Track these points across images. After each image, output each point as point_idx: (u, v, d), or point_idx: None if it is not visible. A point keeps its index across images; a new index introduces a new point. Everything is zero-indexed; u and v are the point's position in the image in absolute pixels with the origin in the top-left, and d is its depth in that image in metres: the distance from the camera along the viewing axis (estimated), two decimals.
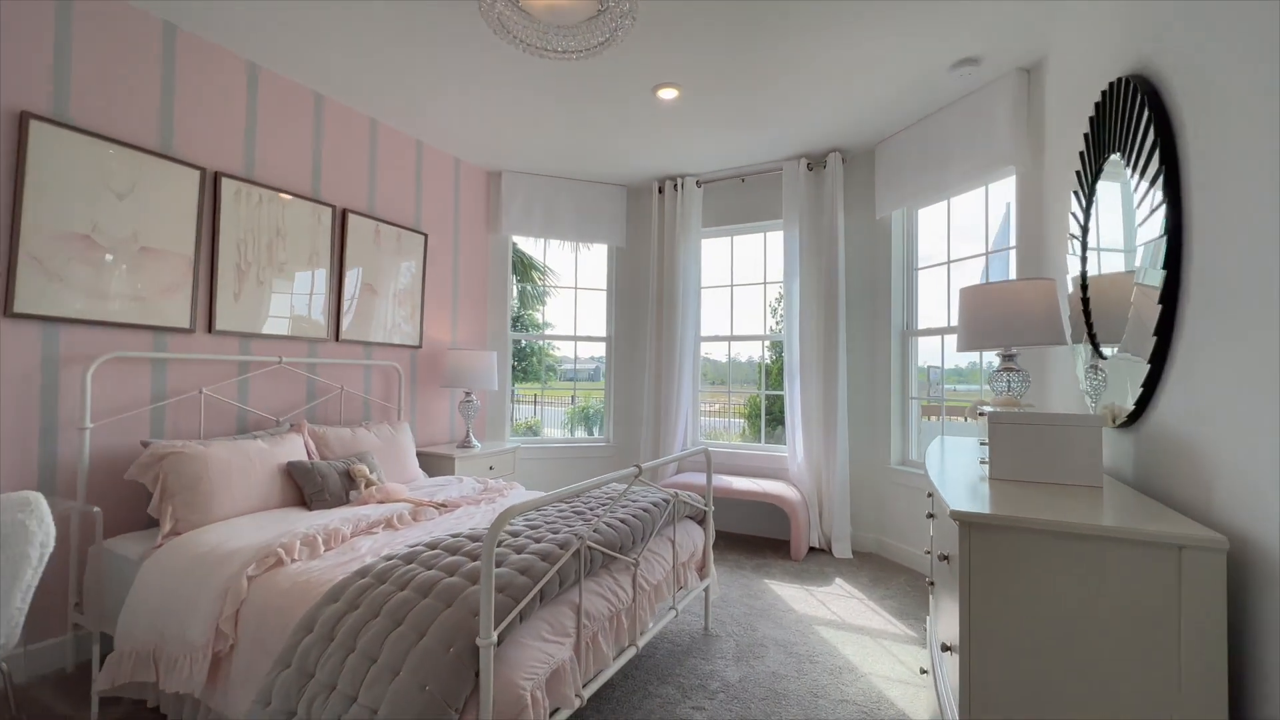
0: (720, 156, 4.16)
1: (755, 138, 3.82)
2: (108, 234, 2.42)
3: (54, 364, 2.28)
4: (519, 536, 1.88)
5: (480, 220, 4.45)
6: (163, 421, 2.60)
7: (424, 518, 2.42)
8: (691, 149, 4.03)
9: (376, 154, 3.61)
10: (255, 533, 2.08)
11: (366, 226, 3.52)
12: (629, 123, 3.61)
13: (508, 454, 4.04)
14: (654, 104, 3.36)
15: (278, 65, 3.00)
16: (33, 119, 2.21)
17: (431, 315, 4.02)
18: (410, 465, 3.19)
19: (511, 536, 1.88)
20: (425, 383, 3.97)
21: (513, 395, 4.86)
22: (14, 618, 1.59)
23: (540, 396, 11.25)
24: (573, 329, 5.06)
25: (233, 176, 2.84)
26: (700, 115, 3.50)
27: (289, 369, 3.08)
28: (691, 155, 4.15)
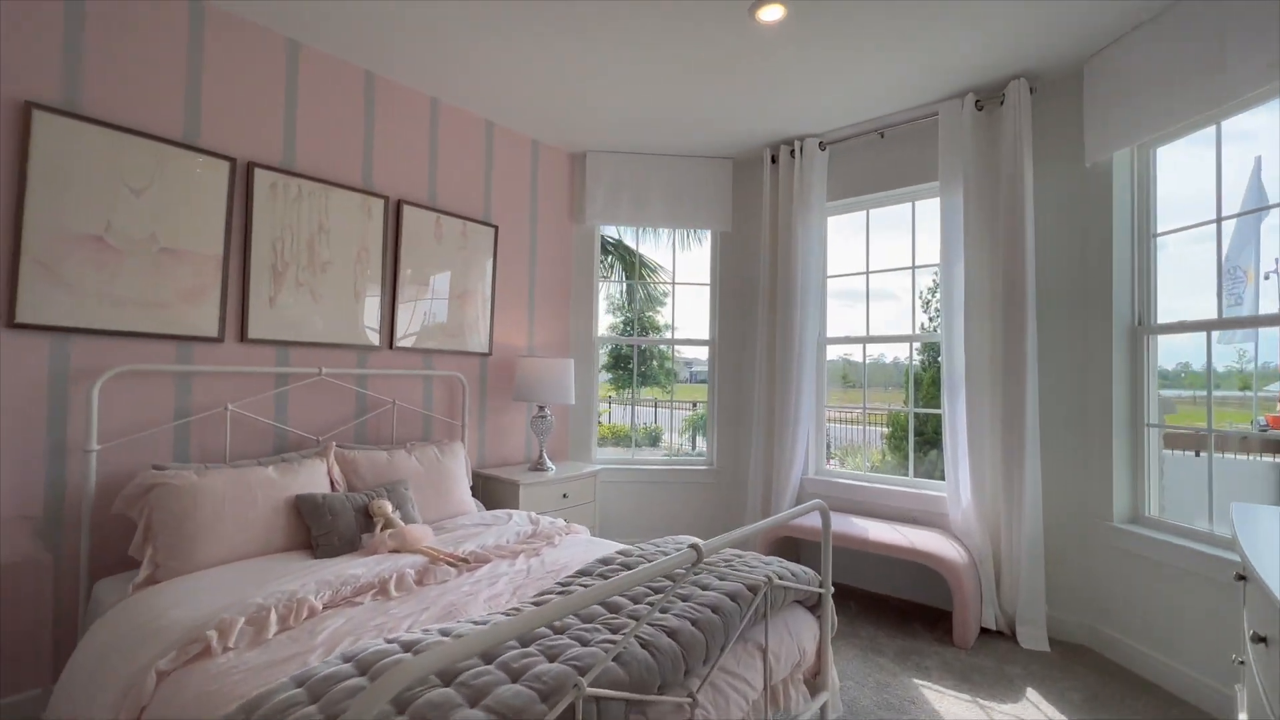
0: (849, 105, 3.21)
1: (897, 71, 2.84)
2: (123, 234, 2.18)
3: (63, 379, 2.07)
4: (492, 662, 1.22)
5: (561, 209, 3.92)
6: (186, 442, 2.34)
7: (432, 580, 1.86)
8: (810, 98, 3.14)
9: (438, 138, 3.21)
10: (224, 592, 1.65)
11: (425, 220, 3.12)
12: (728, 66, 2.83)
13: (587, 479, 3.45)
14: (755, 33, 2.55)
15: (322, 41, 2.67)
16: (37, 109, 2.00)
17: (504, 318, 3.56)
18: (457, 495, 2.70)
19: (479, 662, 1.22)
20: (497, 395, 3.51)
21: (603, 405, 4.26)
22: None
23: (662, 401, 10.72)
24: (671, 330, 4.37)
25: (268, 167, 2.54)
26: (817, 42, 2.62)
27: (331, 381, 2.73)
28: (811, 108, 3.25)
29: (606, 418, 11.69)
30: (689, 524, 3.96)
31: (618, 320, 11.32)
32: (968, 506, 2.95)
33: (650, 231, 7.31)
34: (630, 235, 7.54)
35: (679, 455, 4.26)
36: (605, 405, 11.48)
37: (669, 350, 11.60)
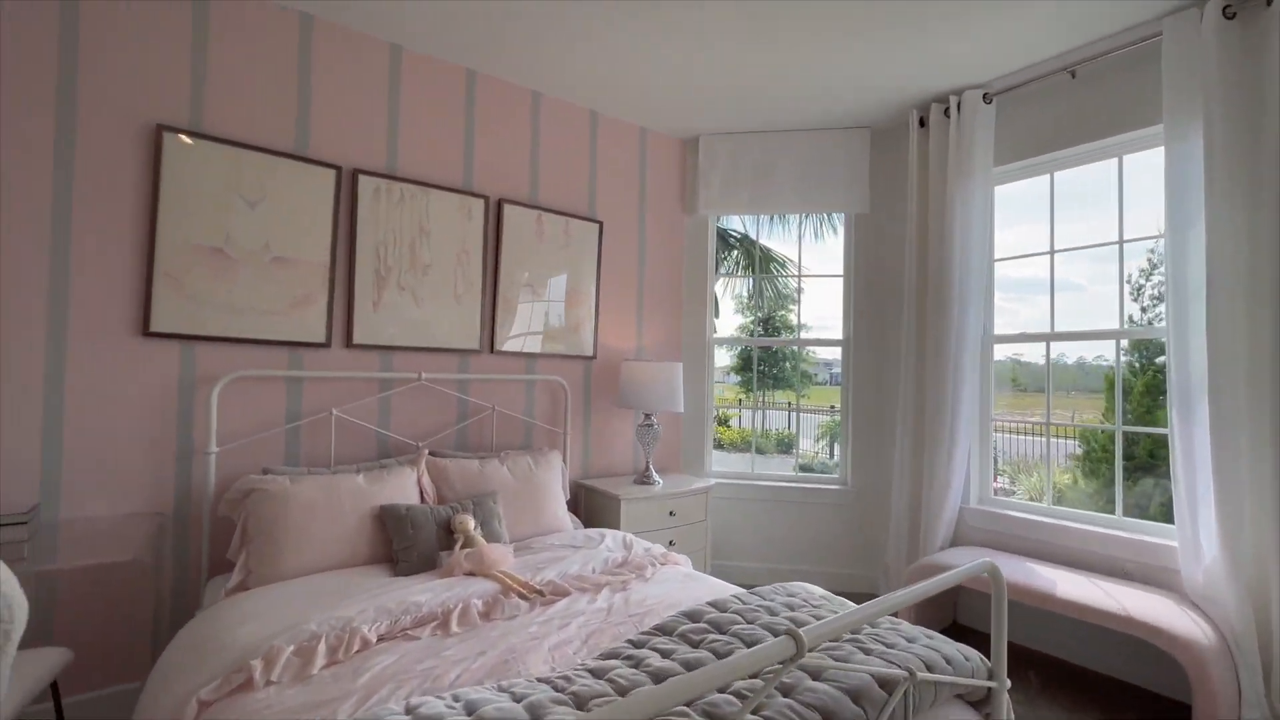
0: (1026, 40, 2.53)
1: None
2: (240, 245, 2.28)
3: (190, 384, 2.20)
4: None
5: (672, 200, 3.62)
6: (297, 446, 2.40)
7: (500, 614, 1.65)
8: (971, 39, 2.52)
9: (539, 132, 3.08)
10: (292, 609, 1.57)
11: (526, 218, 3.00)
12: (864, 15, 2.34)
13: (697, 495, 3.11)
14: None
15: (423, 44, 2.64)
16: (167, 131, 2.14)
17: (609, 319, 3.34)
18: (549, 510, 2.51)
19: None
20: (602, 401, 3.30)
21: (717, 414, 3.89)
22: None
23: (796, 404, 10.06)
24: (797, 330, 3.87)
25: (372, 173, 2.55)
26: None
27: (431, 386, 2.69)
28: (972, 51, 2.62)
29: (736, 422, 11.22)
30: (817, 552, 3.45)
31: (747, 320, 10.80)
32: (1213, 563, 2.15)
33: (780, 223, 6.76)
34: (757, 228, 7.07)
35: (806, 473, 3.74)
36: (734, 409, 11.03)
37: (803, 351, 10.83)
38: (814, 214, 6.54)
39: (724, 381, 12.46)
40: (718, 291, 7.85)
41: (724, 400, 11.43)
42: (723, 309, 9.04)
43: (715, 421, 10.61)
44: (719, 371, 14.70)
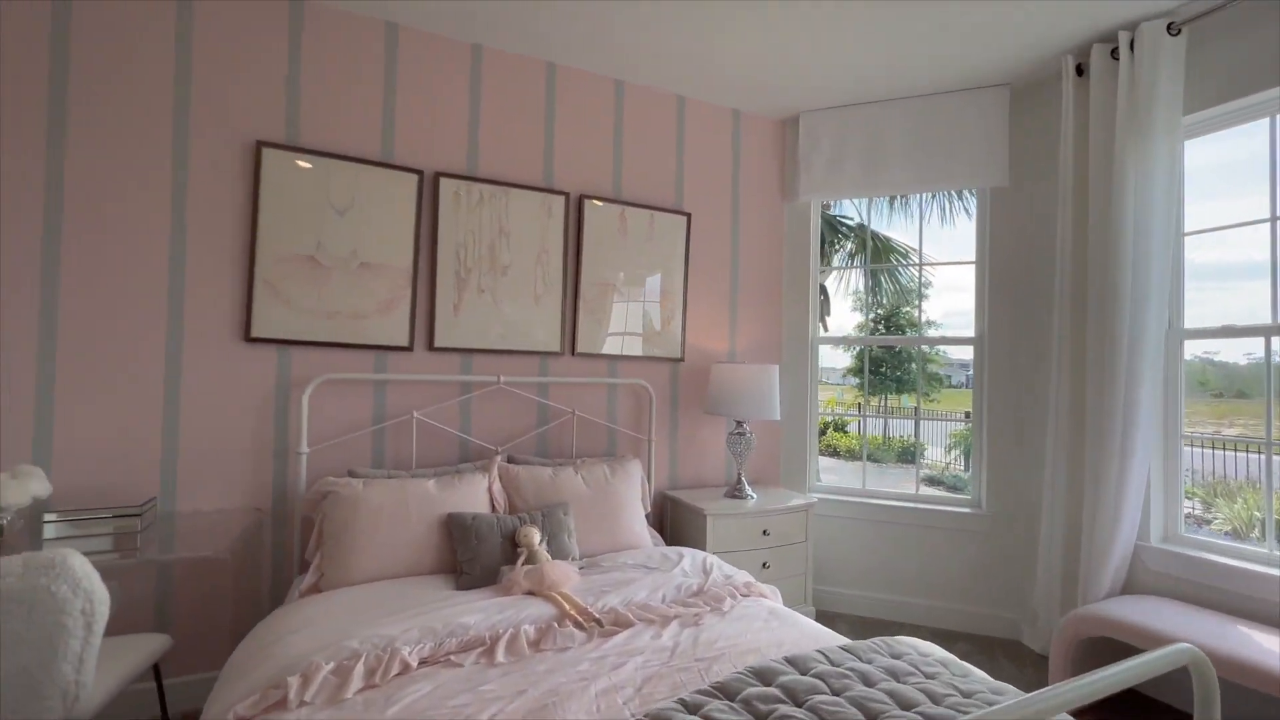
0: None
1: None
2: (330, 252, 2.35)
3: (286, 386, 2.30)
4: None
5: (769, 187, 3.31)
6: (383, 448, 2.44)
7: (551, 645, 1.49)
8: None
9: (623, 123, 2.92)
10: (347, 618, 1.54)
11: (608, 213, 2.86)
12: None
13: (796, 513, 2.78)
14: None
15: (504, 40, 2.59)
16: (265, 146, 2.25)
17: (698, 319, 3.11)
18: (625, 524, 2.33)
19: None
20: (691, 406, 3.08)
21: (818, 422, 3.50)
22: (71, 688, 1.38)
23: (918, 410, 9.14)
24: (920, 327, 3.39)
25: (453, 175, 2.54)
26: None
27: (510, 390, 2.63)
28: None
29: (856, 426, 10.41)
30: (942, 586, 2.96)
31: (866, 319, 9.95)
32: None
33: (901, 208, 6.09)
34: (869, 213, 6.43)
35: (934, 489, 3.24)
36: (854, 414, 10.22)
37: (934, 350, 9.80)
38: (939, 193, 5.84)
39: (842, 384, 11.64)
40: (828, 287, 7.26)
41: (843, 404, 10.67)
42: (836, 306, 8.39)
43: (831, 428, 9.89)
44: (835, 373, 13.94)
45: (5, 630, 1.29)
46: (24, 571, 1.29)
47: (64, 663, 1.36)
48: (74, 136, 2.03)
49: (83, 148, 2.04)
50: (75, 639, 1.37)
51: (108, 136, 2.07)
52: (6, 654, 1.30)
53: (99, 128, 2.05)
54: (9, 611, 1.29)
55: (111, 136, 2.07)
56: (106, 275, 2.06)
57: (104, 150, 2.06)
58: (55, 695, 1.37)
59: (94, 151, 2.05)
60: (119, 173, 2.08)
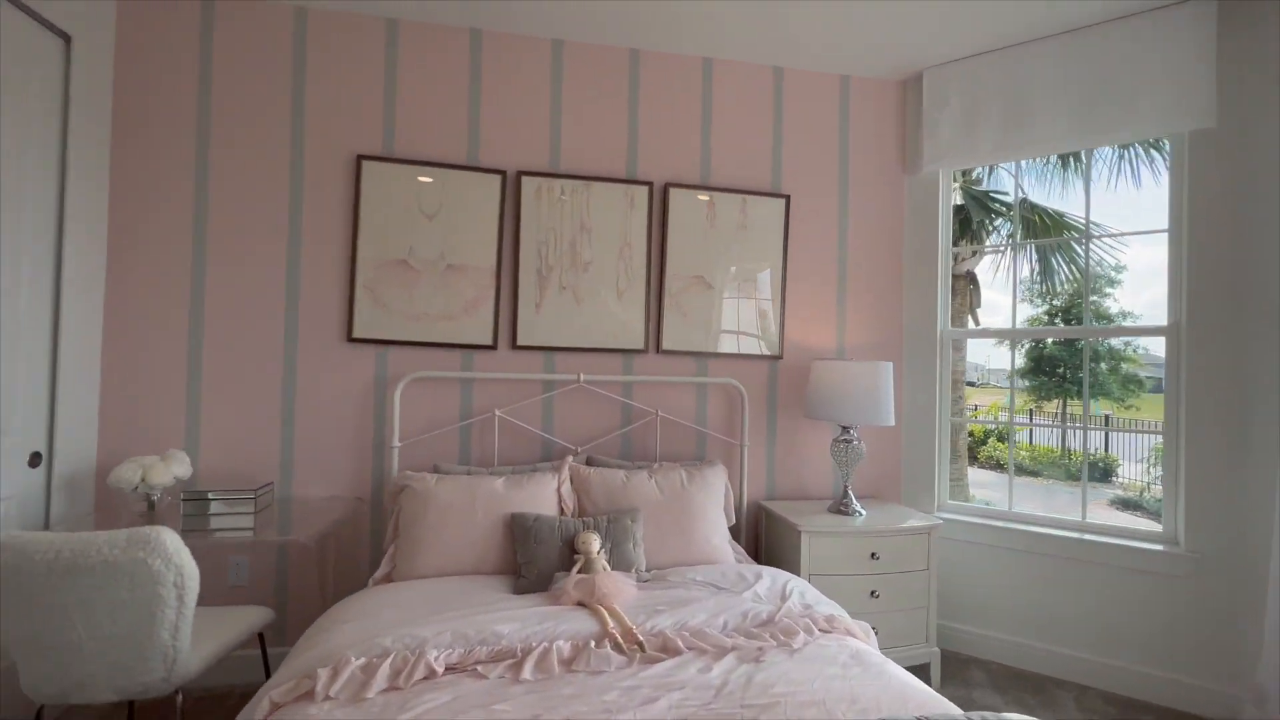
0: None
1: None
2: (420, 256, 2.46)
3: (382, 384, 2.44)
4: None
5: (885, 158, 2.89)
6: (469, 445, 2.49)
7: (584, 666, 1.36)
8: None
9: (712, 104, 2.73)
10: (392, 615, 1.54)
11: (695, 202, 2.68)
12: None
13: (914, 536, 2.37)
14: None
15: (585, 32, 2.54)
16: (365, 159, 2.41)
17: (799, 311, 2.80)
18: (701, 534, 2.12)
19: None
20: (791, 408, 2.78)
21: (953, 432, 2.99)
22: (170, 653, 1.54)
23: (1084, 418, 7.68)
24: (1100, 317, 2.75)
25: (534, 173, 2.54)
26: None
27: (590, 389, 2.56)
28: None
29: (1027, 435, 9.02)
30: (1120, 641, 2.36)
31: (1039, 310, 8.53)
32: None
33: (1068, 176, 5.08)
34: (1040, 186, 5.49)
35: (1103, 522, 2.63)
36: (1025, 423, 8.84)
37: (1129, 347, 8.15)
38: (1114, 148, 4.76)
39: (1005, 386, 10.14)
40: (979, 274, 6.32)
41: (1010, 410, 9.30)
42: (996, 297, 7.28)
43: (993, 437, 8.64)
44: (998, 375, 12.23)
45: (112, 597, 1.46)
46: (126, 544, 1.46)
47: (162, 629, 1.52)
48: (215, 158, 2.33)
49: (222, 172, 2.33)
50: (170, 608, 1.52)
51: (241, 158, 2.34)
52: (114, 618, 1.47)
53: (234, 149, 2.33)
54: (114, 580, 1.46)
55: (243, 158, 2.34)
56: (239, 284, 2.34)
57: (238, 172, 2.34)
58: (156, 657, 1.53)
59: (230, 173, 2.33)
60: (250, 192, 2.34)
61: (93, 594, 1.45)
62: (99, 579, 1.45)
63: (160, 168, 2.29)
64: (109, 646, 1.49)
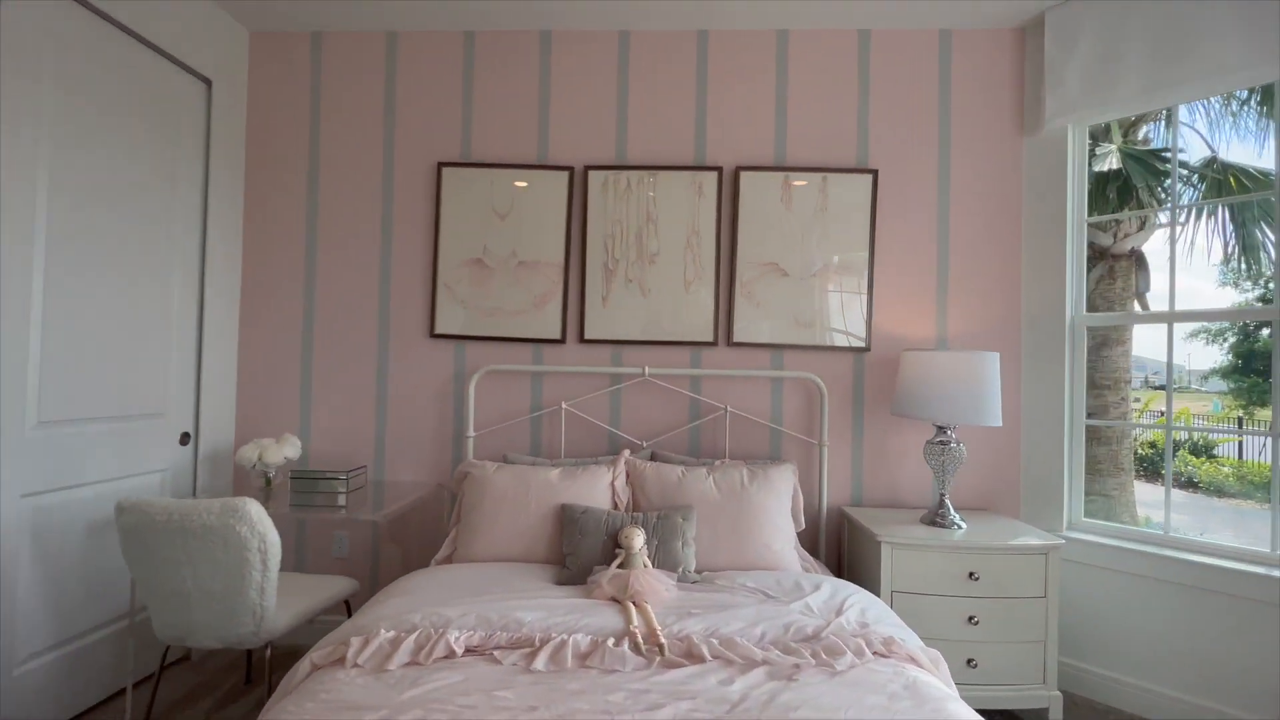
0: None
1: None
2: (494, 254, 2.57)
3: (461, 377, 2.58)
4: None
5: (994, 119, 2.51)
6: (539, 436, 2.55)
7: (597, 663, 1.30)
8: None
9: (786, 79, 2.55)
10: (434, 595, 1.61)
11: (769, 184, 2.52)
12: None
13: (1028, 557, 2.02)
14: None
15: (650, 19, 2.50)
16: (444, 166, 2.57)
17: (890, 297, 2.52)
18: (761, 538, 1.96)
19: None
20: (880, 405, 2.51)
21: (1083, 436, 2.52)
22: (258, 610, 1.73)
23: (1273, 425, 6.05)
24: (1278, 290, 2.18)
25: (600, 167, 2.54)
26: None
27: (656, 383, 2.50)
28: None
29: (1230, 448, 7.44)
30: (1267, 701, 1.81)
31: (1249, 296, 6.99)
32: None
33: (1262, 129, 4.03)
34: (1234, 138, 4.48)
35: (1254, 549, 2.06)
36: (1225, 433, 7.27)
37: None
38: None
39: (1203, 389, 8.46)
40: (1146, 252, 5.28)
41: (1211, 418, 7.73)
42: (1165, 277, 6.04)
43: (1185, 449, 7.31)
44: (1193, 376, 10.39)
45: (210, 556, 1.68)
46: (220, 512, 1.66)
47: (250, 588, 1.71)
48: (323, 178, 2.61)
49: (328, 190, 2.61)
50: (256, 570, 1.71)
51: (342, 175, 2.61)
52: (213, 575, 1.69)
53: (337, 168, 2.61)
54: (212, 542, 1.67)
55: (344, 175, 2.60)
56: (341, 287, 2.60)
57: (340, 188, 2.61)
58: (246, 613, 1.73)
59: (334, 189, 2.61)
60: (349, 205, 2.60)
61: (196, 552, 1.68)
62: (200, 540, 1.67)
63: (282, 190, 2.62)
64: (210, 599, 1.71)
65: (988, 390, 2.10)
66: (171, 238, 2.30)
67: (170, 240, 2.29)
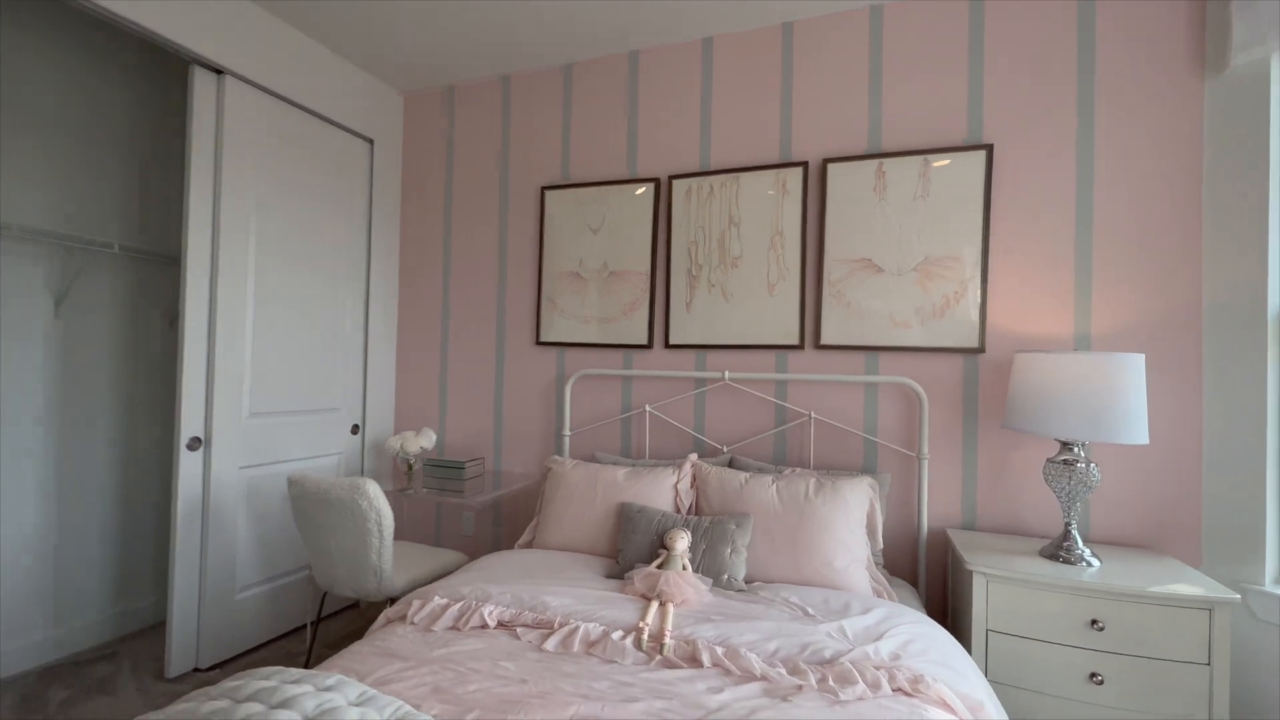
0: None
1: None
2: (588, 267, 2.76)
3: (561, 381, 2.82)
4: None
5: (1158, 59, 2.01)
6: (629, 437, 2.68)
7: (599, 653, 1.37)
8: None
9: (881, 59, 2.34)
10: (496, 573, 1.82)
11: (860, 174, 2.34)
12: None
13: (1182, 611, 1.60)
14: None
15: (733, 21, 2.50)
16: (546, 189, 2.84)
17: (1010, 289, 2.16)
18: (822, 554, 1.82)
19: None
20: (997, 415, 2.17)
21: None
22: (378, 570, 2.11)
23: None
24: None
25: (684, 175, 2.60)
26: None
27: (737, 387, 2.46)
28: None
29: None
30: None
31: None
32: None
33: None
34: None
35: None
36: None
37: None
38: None
39: None
40: None
41: None
42: None
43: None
44: None
45: (343, 524, 2.09)
46: (348, 489, 2.07)
47: (371, 553, 2.10)
48: (455, 211, 3.06)
49: (459, 220, 3.05)
50: (374, 538, 2.09)
51: (468, 206, 3.03)
52: (346, 539, 2.11)
53: (465, 201, 3.03)
54: (343, 512, 2.08)
55: (470, 205, 3.02)
56: (469, 301, 3.01)
57: (467, 216, 3.03)
58: (369, 572, 2.12)
59: (463, 218, 3.04)
60: (473, 231, 3.01)
61: (334, 520, 2.11)
62: (336, 510, 2.10)
63: (426, 224, 3.12)
64: (345, 558, 2.13)
65: (1126, 399, 1.71)
66: (343, 270, 2.89)
67: (342, 272, 2.89)
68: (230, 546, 2.44)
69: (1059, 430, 1.80)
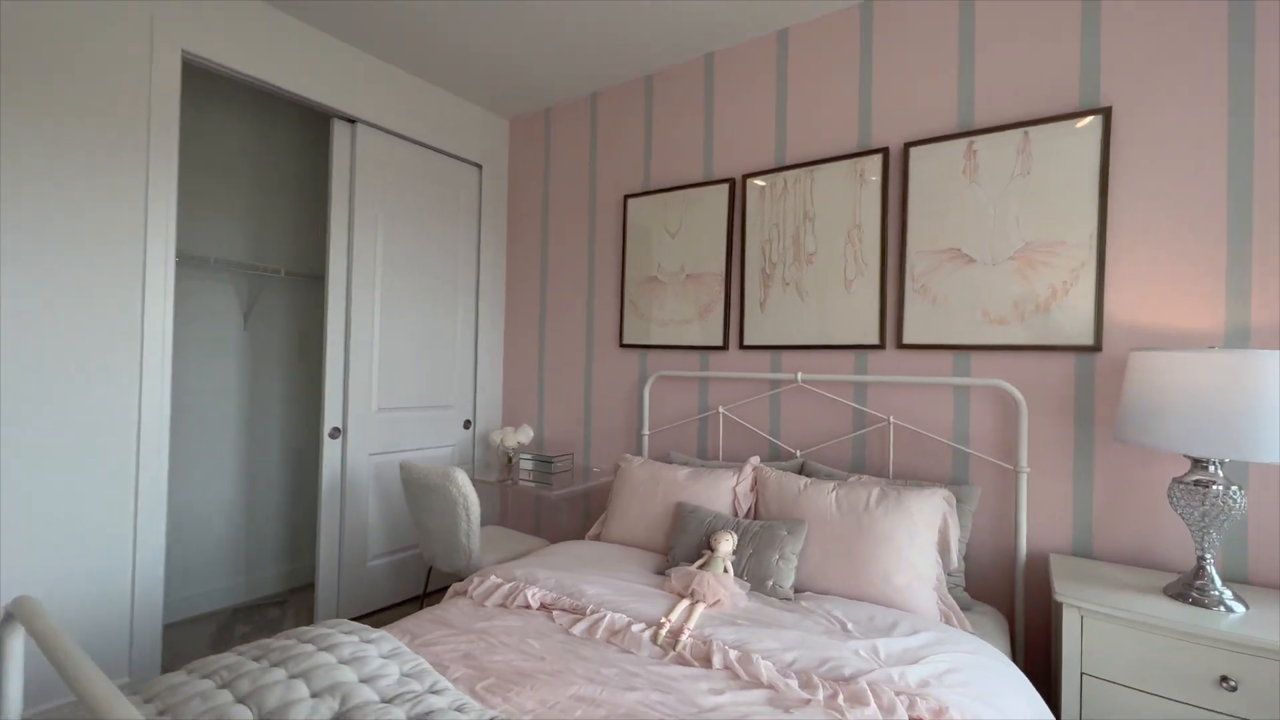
0: None
1: None
2: (666, 270, 2.82)
3: (642, 382, 2.91)
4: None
5: None
6: (705, 438, 2.69)
7: (617, 644, 1.42)
8: None
9: (975, 27, 2.11)
10: (555, 560, 1.95)
11: (947, 154, 2.13)
12: None
13: None
14: None
15: (809, 9, 2.42)
16: (629, 197, 2.96)
17: (1135, 278, 1.83)
18: (880, 569, 1.68)
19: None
20: (1112, 424, 1.84)
21: None
22: (466, 550, 2.36)
23: None
24: None
25: (759, 172, 2.55)
26: None
27: (811, 389, 2.35)
28: None
29: None
30: None
31: None
32: None
33: None
34: None
35: None
36: None
37: None
38: None
39: None
40: None
41: None
42: None
43: None
44: None
45: (439, 507, 2.37)
46: (441, 476, 2.35)
47: (460, 534, 2.36)
48: (551, 224, 3.30)
49: (554, 233, 3.28)
50: (463, 520, 2.34)
51: (562, 218, 3.25)
52: (441, 521, 2.39)
53: (559, 214, 3.25)
54: (439, 496, 2.36)
55: (563, 217, 3.23)
56: (562, 306, 3.23)
57: (560, 228, 3.24)
58: (460, 551, 2.38)
59: (557, 231, 3.26)
60: (565, 241, 3.22)
61: (433, 503, 2.40)
62: (434, 495, 2.39)
63: (526, 236, 3.40)
64: (441, 536, 2.42)
65: (1266, 407, 1.38)
66: (456, 281, 3.26)
67: (456, 283, 3.25)
68: (362, 522, 2.87)
69: (1182, 444, 1.50)
